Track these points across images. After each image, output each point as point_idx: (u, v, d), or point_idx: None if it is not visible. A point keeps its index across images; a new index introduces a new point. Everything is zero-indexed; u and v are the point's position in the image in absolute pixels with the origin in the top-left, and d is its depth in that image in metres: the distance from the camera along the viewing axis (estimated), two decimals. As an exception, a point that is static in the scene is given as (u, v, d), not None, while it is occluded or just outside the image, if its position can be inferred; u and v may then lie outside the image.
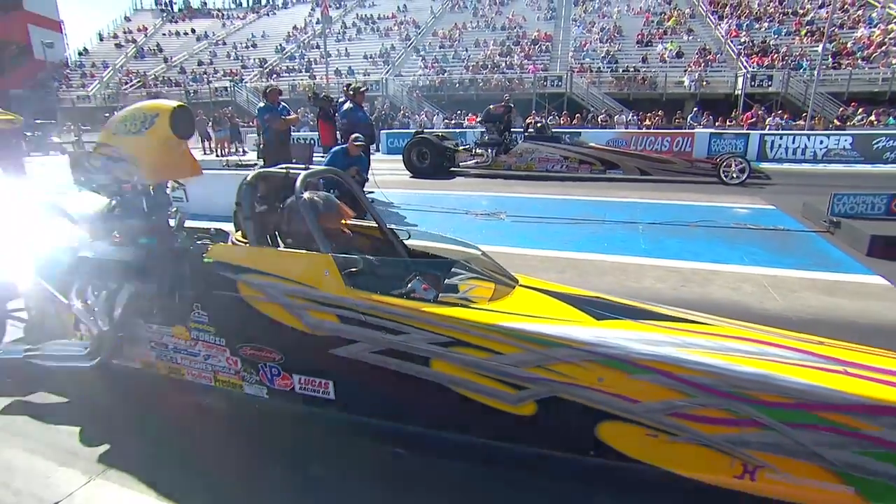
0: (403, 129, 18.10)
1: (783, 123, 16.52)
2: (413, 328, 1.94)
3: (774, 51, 21.57)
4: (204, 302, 2.29)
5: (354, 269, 2.10)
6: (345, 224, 2.56)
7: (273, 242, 2.53)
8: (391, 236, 2.69)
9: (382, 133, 17.18)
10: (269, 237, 2.53)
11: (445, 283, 2.11)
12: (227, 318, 2.25)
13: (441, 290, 2.08)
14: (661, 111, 19.46)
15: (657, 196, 8.11)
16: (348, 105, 7.38)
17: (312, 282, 2.06)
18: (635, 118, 19.06)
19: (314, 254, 2.12)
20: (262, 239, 2.43)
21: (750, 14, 24.99)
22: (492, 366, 1.87)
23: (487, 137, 11.04)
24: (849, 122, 16.24)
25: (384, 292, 2.04)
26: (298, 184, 2.24)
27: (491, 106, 11.32)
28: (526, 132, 11.20)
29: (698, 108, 18.58)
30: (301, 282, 2.07)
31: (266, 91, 6.92)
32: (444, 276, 2.15)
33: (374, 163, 8.68)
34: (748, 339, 1.86)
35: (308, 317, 2.07)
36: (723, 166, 9.18)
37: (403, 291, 2.07)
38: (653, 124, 18.32)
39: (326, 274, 2.04)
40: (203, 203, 5.52)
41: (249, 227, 2.30)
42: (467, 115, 19.95)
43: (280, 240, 2.53)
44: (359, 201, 2.77)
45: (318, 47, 28.75)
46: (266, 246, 2.43)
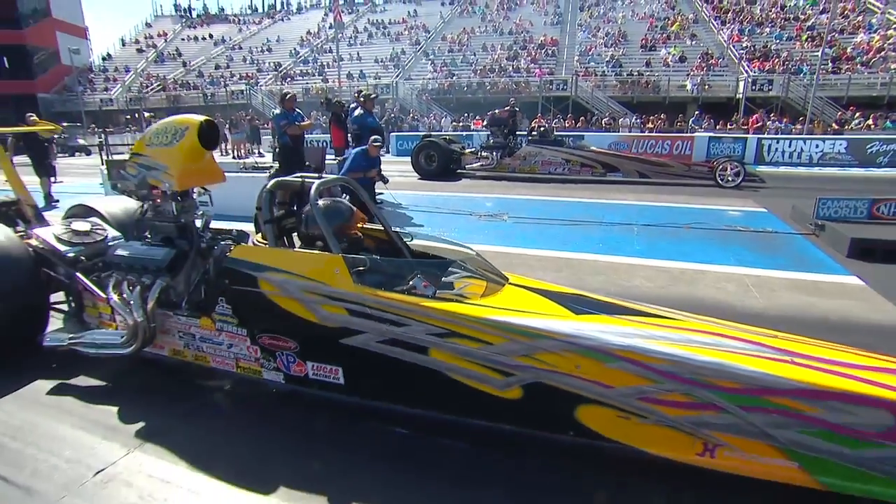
0: (412, 132, 18.42)
1: (782, 127, 16.58)
2: (414, 321, 2.18)
3: (776, 55, 21.63)
4: (228, 296, 2.56)
5: (362, 268, 2.35)
6: (359, 227, 2.83)
7: (289, 243, 2.80)
8: (395, 238, 2.94)
9: (392, 135, 17.52)
10: (286, 238, 2.80)
11: (443, 281, 2.36)
12: (249, 311, 2.52)
13: (439, 287, 2.33)
14: (664, 114, 19.64)
15: (654, 199, 8.29)
16: (359, 111, 7.68)
17: (325, 279, 2.31)
18: (638, 121, 19.19)
19: (326, 254, 2.39)
20: (280, 240, 2.70)
21: (752, 19, 25.05)
22: (483, 354, 2.10)
23: (492, 141, 11.34)
24: (847, 126, 16.23)
25: (388, 288, 2.29)
26: (313, 192, 2.51)
27: (496, 111, 11.62)
28: (529, 136, 11.44)
29: (700, 112, 18.82)
30: (315, 279, 2.33)
31: (282, 98, 7.24)
32: (442, 275, 2.40)
33: (384, 164, 8.97)
34: (709, 332, 2.08)
35: (320, 310, 2.32)
36: (718, 170, 9.37)
37: (405, 288, 2.32)
38: (655, 127, 18.51)
39: (337, 272, 2.30)
40: (221, 203, 5.84)
41: (269, 230, 2.57)
42: (474, 119, 20.21)
43: (300, 239, 2.80)
44: (367, 206, 3.02)
45: (331, 51, 29.21)
46: (283, 247, 2.70)
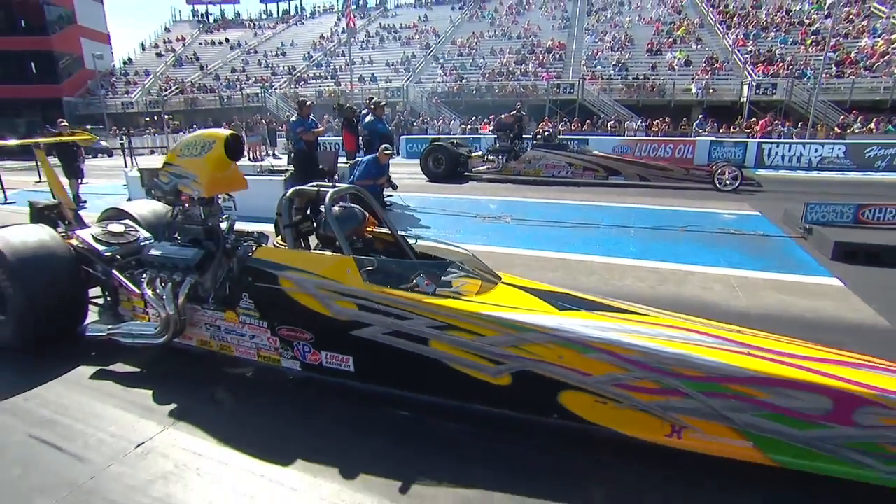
0: (422, 135, 18.76)
1: (784, 131, 16.61)
2: (416, 315, 2.46)
3: (780, 60, 21.64)
4: (251, 292, 2.86)
5: (370, 268, 2.63)
6: (369, 231, 3.12)
7: (306, 245, 3.10)
8: (401, 241, 3.22)
9: (402, 138, 17.88)
10: (303, 241, 3.09)
11: (442, 280, 2.63)
12: (270, 305, 2.81)
13: (439, 285, 2.60)
14: (669, 118, 19.83)
15: (654, 202, 8.48)
16: (370, 118, 8.01)
17: (338, 277, 2.60)
18: (643, 124, 19.36)
19: (339, 255, 2.67)
20: (298, 243, 3.00)
21: (757, 24, 25.04)
22: (476, 345, 2.37)
23: (498, 144, 11.60)
24: (848, 130, 16.19)
25: (394, 286, 2.57)
26: (327, 200, 2.80)
27: (502, 115, 11.91)
28: (534, 140, 11.68)
29: (703, 116, 18.99)
30: (329, 277, 2.62)
31: (300, 106, 7.62)
32: (442, 274, 2.67)
33: (394, 166, 9.28)
34: (677, 327, 2.33)
35: (334, 305, 2.61)
36: (717, 174, 9.53)
37: (409, 286, 2.59)
38: (660, 130, 18.67)
39: (348, 271, 2.58)
40: (239, 204, 6.25)
41: (288, 233, 2.86)
42: (481, 123, 20.48)
43: (319, 240, 3.09)
44: (376, 212, 3.31)
45: (344, 55, 29.70)
46: (301, 248, 2.99)
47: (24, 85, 33.07)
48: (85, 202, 9.08)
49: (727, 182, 9.44)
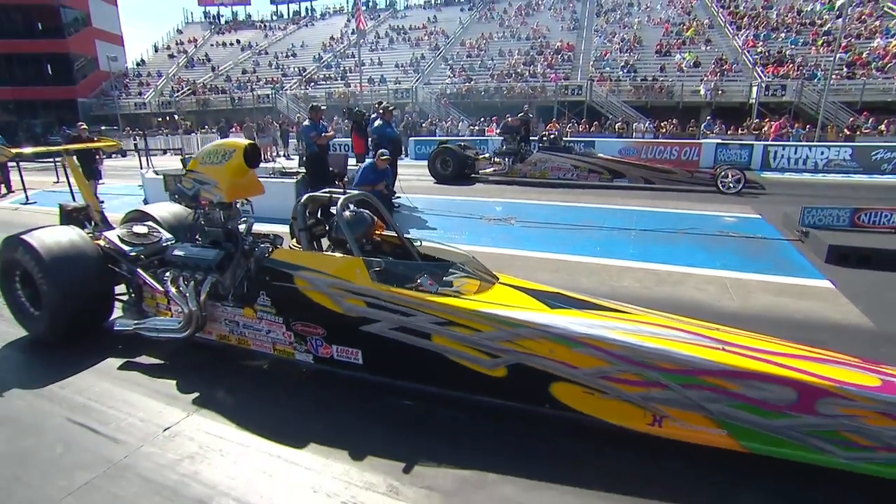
0: (430, 137, 19.00)
1: (792, 132, 16.58)
2: (420, 312, 2.66)
3: (790, 61, 21.54)
4: (268, 290, 3.09)
5: (378, 268, 2.85)
6: (377, 234, 3.34)
7: (319, 247, 3.33)
8: (407, 243, 3.44)
9: (410, 140, 18.10)
10: (316, 243, 3.32)
11: (444, 280, 2.84)
12: (285, 302, 3.04)
13: (441, 285, 2.81)
14: (676, 119, 19.86)
15: (657, 204, 8.61)
16: (379, 122, 8.25)
17: (348, 277, 2.82)
18: (651, 126, 19.42)
19: (349, 257, 2.90)
20: (311, 245, 3.23)
21: (768, 24, 24.94)
22: (474, 340, 2.57)
23: (505, 147, 11.80)
24: (858, 132, 16.12)
25: (400, 285, 2.78)
26: (339, 205, 3.02)
27: (509, 118, 12.10)
28: (540, 143, 11.86)
29: (711, 117, 19.04)
30: (340, 277, 2.84)
31: (313, 111, 7.89)
32: (443, 275, 2.88)
33: (402, 168, 9.53)
34: (659, 325, 2.51)
35: (344, 302, 2.83)
36: (720, 176, 9.63)
37: (414, 285, 2.81)
38: (667, 132, 18.72)
39: (358, 272, 2.80)
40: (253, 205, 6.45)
41: (303, 236, 3.09)
42: (488, 126, 20.64)
43: (331, 243, 3.32)
44: (384, 217, 3.53)
45: (353, 56, 30.01)
46: (314, 250, 3.22)
47: (41, 87, 33.85)
48: (103, 202, 9.38)
49: (730, 185, 9.54)
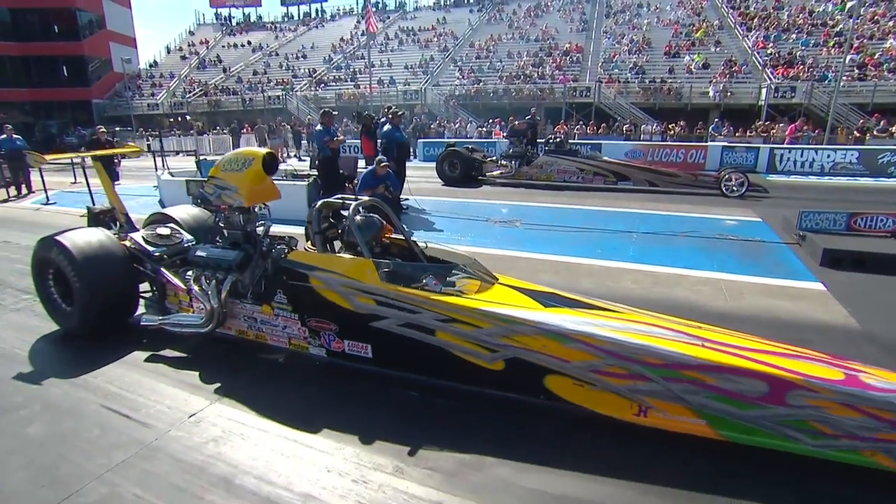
0: (438, 139, 19.23)
1: (802, 135, 16.57)
2: (424, 309, 2.89)
3: (800, 62, 21.46)
4: (285, 288, 3.33)
5: (387, 269, 3.08)
6: (386, 237, 3.57)
7: (332, 249, 3.56)
8: (413, 246, 3.67)
9: (419, 142, 18.36)
10: (330, 245, 3.56)
11: (447, 280, 3.06)
12: (301, 300, 3.27)
13: (444, 285, 3.04)
14: (684, 121, 19.91)
15: (660, 207, 8.75)
16: (388, 127, 8.49)
17: (359, 277, 3.05)
18: (659, 128, 19.48)
19: (360, 258, 3.13)
20: (325, 247, 3.47)
21: (779, 25, 24.84)
22: (475, 335, 2.79)
23: (512, 150, 12.01)
24: (868, 134, 16.07)
25: (406, 285, 3.01)
26: (351, 211, 3.26)
27: (515, 122, 12.30)
28: (546, 146, 12.04)
29: (719, 119, 19.04)
30: (351, 276, 3.07)
31: (323, 116, 8.16)
32: (447, 275, 3.10)
33: (411, 170, 9.75)
34: (644, 323, 2.71)
35: (355, 300, 3.06)
36: (724, 180, 9.74)
37: (419, 285, 3.03)
38: (675, 134, 18.77)
39: (368, 272, 3.04)
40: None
41: (318, 239, 3.33)
42: (495, 130, 20.82)
43: (343, 245, 3.56)
44: (393, 221, 3.76)
45: (363, 58, 30.33)
46: (328, 252, 3.46)
47: (57, 88, 34.58)
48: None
49: (734, 188, 9.65)
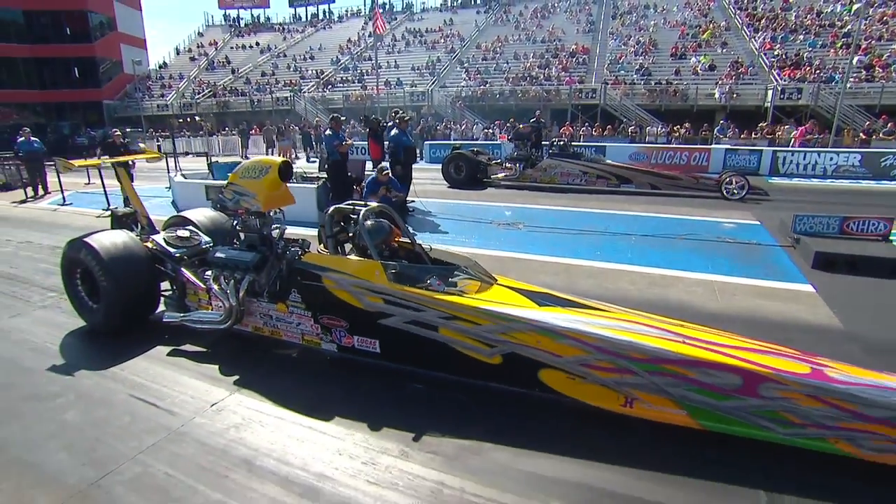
0: (445, 141, 19.45)
1: (812, 138, 16.60)
2: (429, 308, 3.12)
3: (807, 63, 21.42)
4: (299, 288, 3.57)
5: (394, 271, 3.32)
6: (394, 241, 3.81)
7: (343, 251, 3.81)
8: (419, 248, 3.90)
9: (425, 144, 18.59)
10: (341, 248, 3.80)
11: (449, 281, 3.30)
12: (314, 299, 3.52)
13: (447, 285, 3.27)
14: (690, 123, 19.95)
15: (660, 210, 8.90)
16: (395, 131, 8.73)
17: (368, 277, 3.29)
18: (664, 129, 19.57)
19: (370, 260, 3.37)
20: (336, 250, 3.71)
21: (786, 26, 24.77)
22: (475, 332, 3.02)
23: (516, 153, 12.22)
24: (874, 136, 16.07)
25: (412, 285, 3.24)
26: (361, 216, 3.50)
27: (520, 125, 12.51)
28: (550, 149, 12.22)
29: (725, 121, 19.10)
30: (361, 277, 3.31)
31: (332, 121, 8.43)
32: (449, 276, 3.34)
33: (417, 172, 9.98)
34: (630, 321, 2.93)
35: (365, 299, 3.30)
36: (724, 183, 9.88)
37: (424, 285, 3.27)
38: (680, 136, 18.88)
39: (377, 273, 3.27)
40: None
41: (330, 242, 3.58)
42: (500, 133, 20.96)
43: (354, 248, 3.80)
44: (400, 226, 4.00)
45: (370, 59, 30.57)
46: (339, 254, 3.71)
47: (68, 89, 35.20)
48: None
49: (734, 191, 9.78)
